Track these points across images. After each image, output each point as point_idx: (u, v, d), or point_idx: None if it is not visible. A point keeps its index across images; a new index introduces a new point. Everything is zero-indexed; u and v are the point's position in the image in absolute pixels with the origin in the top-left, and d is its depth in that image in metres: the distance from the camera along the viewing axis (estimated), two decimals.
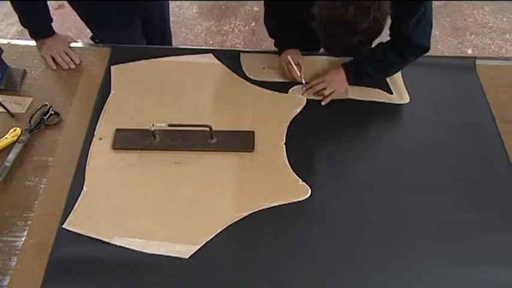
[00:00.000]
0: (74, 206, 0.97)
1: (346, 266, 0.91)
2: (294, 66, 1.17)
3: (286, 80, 1.22)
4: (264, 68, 1.26)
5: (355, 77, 1.15)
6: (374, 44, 1.06)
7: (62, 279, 0.88)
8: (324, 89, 1.15)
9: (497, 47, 2.51)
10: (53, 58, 1.24)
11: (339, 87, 1.16)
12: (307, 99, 1.18)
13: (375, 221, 0.97)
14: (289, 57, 1.17)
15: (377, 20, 0.83)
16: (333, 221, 0.97)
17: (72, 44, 1.29)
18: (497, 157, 1.08)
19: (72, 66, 1.25)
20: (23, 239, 0.93)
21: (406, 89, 1.21)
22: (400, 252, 0.93)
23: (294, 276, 0.89)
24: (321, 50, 1.31)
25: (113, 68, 1.24)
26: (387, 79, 1.22)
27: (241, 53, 1.28)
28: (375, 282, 0.89)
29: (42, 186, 1.00)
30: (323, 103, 1.15)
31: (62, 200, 0.98)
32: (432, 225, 0.97)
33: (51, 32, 1.26)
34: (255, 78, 1.23)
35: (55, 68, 1.24)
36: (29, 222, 0.95)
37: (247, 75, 1.24)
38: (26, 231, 0.94)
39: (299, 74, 1.17)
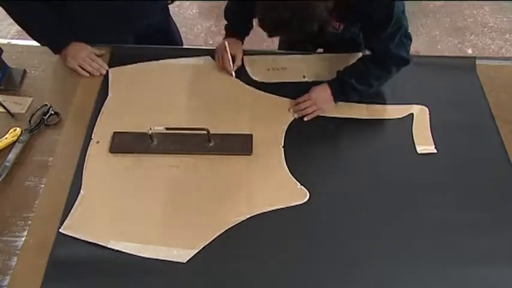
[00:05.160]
0: (71, 209, 0.96)
1: (345, 269, 0.91)
2: (229, 56, 1.18)
3: (290, 80, 1.21)
4: (268, 69, 1.25)
5: (341, 93, 1.13)
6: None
7: (62, 279, 0.88)
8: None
9: (497, 47, 2.51)
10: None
11: (324, 106, 1.13)
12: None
13: (374, 223, 0.97)
14: (226, 44, 1.19)
15: None
16: (332, 225, 0.97)
17: None
18: (497, 157, 1.08)
19: (103, 71, 1.22)
20: (23, 239, 0.93)
21: None
22: (400, 253, 0.93)
23: (293, 280, 0.89)
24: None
25: (110, 70, 1.23)
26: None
27: (244, 56, 1.27)
28: (375, 283, 0.89)
29: (42, 186, 1.00)
30: (306, 119, 1.13)
31: (61, 200, 0.98)
32: (432, 225, 0.97)
33: (69, 40, 1.22)
34: (260, 80, 1.22)
35: (88, 75, 1.21)
36: (29, 222, 0.95)
37: (252, 77, 1.23)
38: (26, 231, 0.94)
39: (231, 66, 1.19)
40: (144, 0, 1.26)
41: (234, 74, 1.21)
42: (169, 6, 1.44)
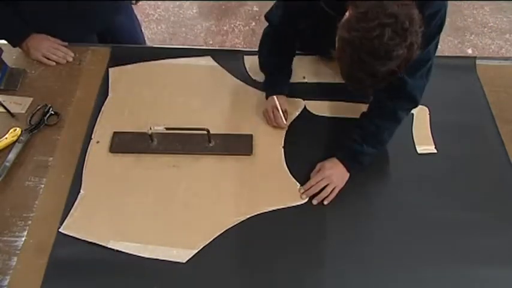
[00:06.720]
0: (71, 209, 0.96)
1: (345, 269, 0.91)
2: (281, 113, 1.07)
3: (291, 81, 1.19)
4: None
5: (354, 164, 1.01)
6: None
7: (62, 279, 0.88)
8: (326, 186, 0.99)
9: (497, 47, 2.51)
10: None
11: (341, 181, 1.00)
12: (306, 101, 1.17)
13: (374, 223, 0.97)
14: (277, 102, 1.08)
15: (412, 46, 0.73)
16: (331, 225, 0.97)
17: (72, 45, 1.29)
18: (497, 157, 1.08)
19: (70, 59, 1.24)
20: (23, 239, 0.93)
21: None
22: (400, 253, 0.93)
23: (293, 280, 0.89)
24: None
25: (110, 70, 1.23)
26: None
27: (245, 56, 1.27)
28: (375, 283, 0.89)
29: (42, 186, 1.00)
30: (327, 202, 0.99)
31: (61, 200, 0.98)
32: (432, 225, 0.97)
33: (28, 31, 1.21)
34: (260, 80, 1.21)
35: (54, 64, 1.23)
36: (29, 222, 0.95)
37: (252, 77, 1.23)
38: (26, 231, 0.94)
39: (284, 121, 1.09)
40: (103, 0, 1.26)
41: (287, 125, 1.11)
42: (133, 5, 1.45)
